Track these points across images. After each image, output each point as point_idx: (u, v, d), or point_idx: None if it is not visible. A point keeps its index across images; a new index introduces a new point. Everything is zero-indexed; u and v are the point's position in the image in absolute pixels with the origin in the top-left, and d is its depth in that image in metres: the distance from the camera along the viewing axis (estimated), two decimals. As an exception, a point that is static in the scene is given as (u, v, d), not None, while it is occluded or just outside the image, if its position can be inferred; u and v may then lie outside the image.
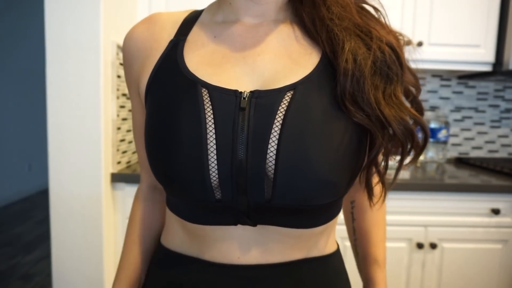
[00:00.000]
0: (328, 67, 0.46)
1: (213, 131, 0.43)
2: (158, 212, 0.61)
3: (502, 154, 2.06)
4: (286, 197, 0.43)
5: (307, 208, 0.45)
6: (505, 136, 2.05)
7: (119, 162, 1.42)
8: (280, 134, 0.42)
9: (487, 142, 2.05)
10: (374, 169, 0.48)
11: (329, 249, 0.54)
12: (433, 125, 1.93)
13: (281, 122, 0.42)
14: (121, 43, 1.39)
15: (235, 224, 0.46)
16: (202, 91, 0.44)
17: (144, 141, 0.54)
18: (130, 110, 1.53)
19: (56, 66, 1.25)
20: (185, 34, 0.51)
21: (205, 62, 0.48)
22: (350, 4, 0.48)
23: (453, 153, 2.05)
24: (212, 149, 0.42)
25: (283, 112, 0.42)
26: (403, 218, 1.43)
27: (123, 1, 1.44)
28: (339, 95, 0.44)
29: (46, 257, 2.65)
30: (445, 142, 1.93)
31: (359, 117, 0.43)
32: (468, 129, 2.04)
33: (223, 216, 0.46)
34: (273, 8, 0.50)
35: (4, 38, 3.88)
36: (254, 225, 0.46)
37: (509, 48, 1.63)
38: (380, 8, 0.50)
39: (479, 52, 1.68)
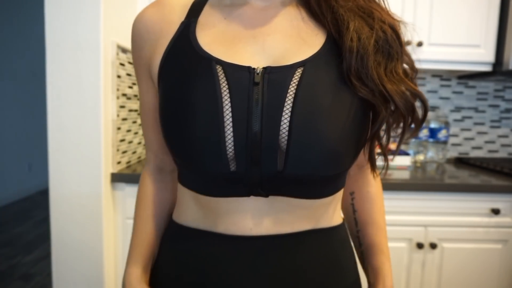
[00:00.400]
0: (333, 46, 0.49)
1: (229, 105, 0.45)
2: (167, 191, 0.63)
3: (502, 154, 2.06)
4: (297, 168, 0.45)
5: (316, 179, 0.48)
6: (505, 136, 2.05)
7: (119, 162, 1.42)
8: (292, 108, 0.44)
9: (487, 142, 2.05)
10: (376, 142, 0.51)
11: (336, 221, 0.57)
12: (433, 125, 1.93)
13: (293, 96, 0.45)
14: (121, 43, 1.39)
15: (248, 196, 0.48)
16: (217, 67, 0.47)
17: (153, 122, 0.58)
18: (130, 110, 1.53)
19: (56, 66, 1.25)
20: (195, 16, 0.53)
21: (218, 41, 0.50)
22: None
23: (453, 153, 2.05)
24: (228, 122, 0.45)
25: (295, 87, 0.45)
26: (403, 218, 1.43)
27: (123, 1, 1.44)
28: (345, 72, 0.47)
29: (46, 257, 2.65)
30: (445, 142, 1.93)
31: (364, 92, 0.46)
32: (468, 129, 2.04)
33: (237, 187, 0.48)
34: None
35: (4, 38, 3.87)
36: (266, 196, 0.48)
37: (509, 48, 1.63)
38: None
39: (479, 52, 1.68)
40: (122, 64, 1.42)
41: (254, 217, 0.50)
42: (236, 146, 0.45)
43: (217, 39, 0.50)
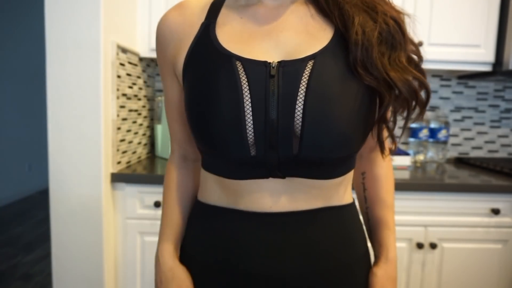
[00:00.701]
0: (340, 39, 0.54)
1: (249, 96, 0.50)
2: (191, 178, 0.70)
3: (502, 154, 2.06)
4: (311, 151, 0.50)
5: (328, 161, 0.53)
6: (505, 136, 2.05)
7: (119, 162, 1.42)
8: (305, 97, 0.49)
9: (487, 142, 2.05)
10: (384, 125, 0.55)
11: (346, 200, 0.62)
12: (433, 125, 1.93)
13: (305, 86, 0.50)
14: (121, 43, 1.39)
15: (267, 177, 0.54)
16: (237, 63, 0.52)
17: (178, 115, 0.65)
18: (130, 110, 1.53)
19: (56, 66, 1.25)
20: (214, 17, 0.59)
21: (236, 39, 0.55)
22: None
23: (453, 153, 2.05)
24: (248, 111, 0.50)
25: (307, 78, 0.50)
26: (403, 218, 1.43)
27: (123, 1, 1.44)
28: (352, 63, 0.51)
29: (46, 257, 2.65)
30: (445, 142, 1.93)
31: (369, 80, 0.51)
32: (468, 129, 2.04)
33: (257, 170, 0.53)
34: None
35: (4, 38, 3.87)
36: (283, 177, 0.54)
37: (509, 48, 1.63)
38: None
39: (479, 52, 1.68)
40: (122, 64, 1.42)
41: (273, 196, 0.55)
42: (256, 133, 0.50)
43: (235, 37, 0.55)
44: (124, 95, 1.46)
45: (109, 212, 1.36)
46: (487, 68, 1.70)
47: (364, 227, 0.67)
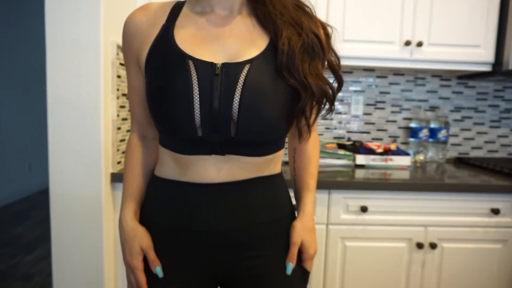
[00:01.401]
0: (273, 47, 0.67)
1: (197, 89, 0.63)
2: (150, 153, 0.81)
3: (502, 154, 2.06)
4: (245, 135, 0.64)
5: (259, 142, 0.67)
6: (505, 136, 2.05)
7: (119, 162, 1.42)
8: (241, 92, 0.62)
9: (486, 142, 2.05)
10: (301, 116, 0.68)
11: (276, 171, 0.77)
12: (433, 125, 1.94)
13: (242, 84, 0.62)
14: (121, 43, 1.39)
15: (210, 154, 0.67)
16: (189, 62, 0.64)
17: (139, 99, 0.77)
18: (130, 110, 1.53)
19: (56, 66, 1.25)
20: (173, 20, 0.71)
21: (190, 42, 0.67)
22: (289, 3, 0.70)
23: (453, 153, 2.05)
24: (196, 101, 0.62)
25: (244, 78, 0.63)
26: (403, 218, 1.44)
27: (123, 1, 1.44)
28: (279, 67, 0.65)
29: (46, 257, 2.65)
30: (445, 142, 1.94)
31: (292, 82, 0.65)
32: (468, 129, 2.04)
33: (203, 148, 0.67)
34: (237, 3, 0.71)
35: (4, 38, 3.87)
36: (223, 154, 0.67)
37: (508, 48, 1.63)
38: (310, 6, 0.72)
39: (478, 52, 1.68)
40: (122, 64, 1.42)
41: (215, 169, 0.68)
42: (202, 118, 0.63)
43: (190, 39, 0.68)
44: (124, 95, 1.46)
45: (109, 212, 1.36)
46: (487, 68, 1.71)
47: (289, 193, 0.81)
